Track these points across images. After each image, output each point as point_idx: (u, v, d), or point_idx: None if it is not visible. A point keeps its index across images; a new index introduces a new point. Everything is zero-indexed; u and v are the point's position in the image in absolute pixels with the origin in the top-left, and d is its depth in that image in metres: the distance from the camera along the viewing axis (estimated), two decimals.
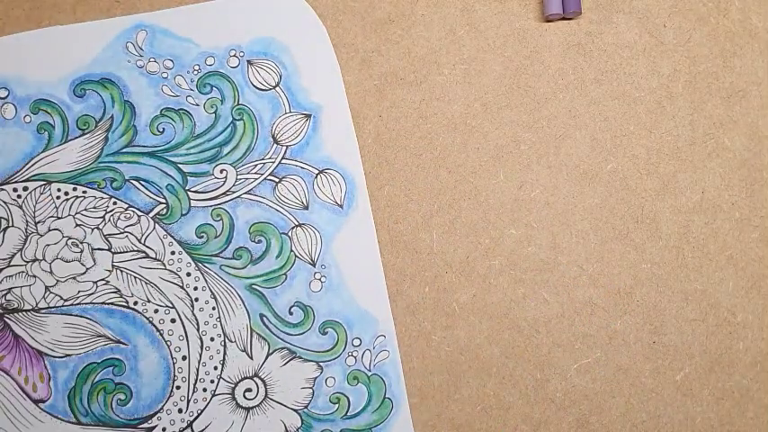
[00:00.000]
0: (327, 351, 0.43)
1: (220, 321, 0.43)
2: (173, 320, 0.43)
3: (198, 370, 0.42)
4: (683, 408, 0.44)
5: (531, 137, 0.46)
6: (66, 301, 0.42)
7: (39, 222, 0.43)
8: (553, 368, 0.44)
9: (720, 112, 0.46)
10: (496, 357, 0.44)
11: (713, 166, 0.46)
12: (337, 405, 0.43)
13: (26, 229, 0.43)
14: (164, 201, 0.43)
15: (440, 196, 0.45)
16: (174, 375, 0.42)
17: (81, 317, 0.42)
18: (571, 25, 0.46)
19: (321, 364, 0.43)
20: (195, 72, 0.44)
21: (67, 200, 0.43)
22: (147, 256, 0.43)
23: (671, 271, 0.45)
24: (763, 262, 0.45)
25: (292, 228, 0.44)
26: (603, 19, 0.46)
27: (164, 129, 0.44)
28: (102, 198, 0.43)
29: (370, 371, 0.43)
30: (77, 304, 0.42)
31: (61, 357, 0.42)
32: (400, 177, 0.45)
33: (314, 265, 0.44)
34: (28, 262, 0.42)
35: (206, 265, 0.43)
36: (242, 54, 0.45)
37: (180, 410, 0.42)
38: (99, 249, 0.43)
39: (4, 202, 0.43)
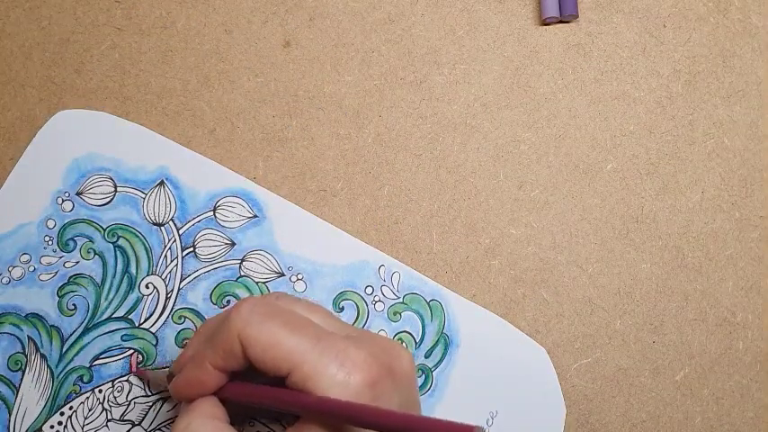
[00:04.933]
0: (357, 318, 0.43)
1: None
2: None
3: (283, 424, 0.42)
4: (682, 408, 0.44)
5: (531, 137, 0.46)
6: None
7: None
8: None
9: (720, 112, 0.46)
10: None
11: (713, 166, 0.46)
12: (403, 344, 0.43)
13: None
14: (131, 351, 0.43)
15: (440, 196, 0.45)
16: None
17: None
18: (571, 25, 0.46)
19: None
20: (49, 242, 0.43)
21: (66, 426, 0.42)
22: (165, 400, 0.42)
23: (671, 271, 0.45)
24: (763, 262, 0.45)
25: (240, 266, 0.44)
26: (603, 19, 0.46)
27: (74, 305, 0.43)
28: (87, 397, 0.42)
29: (400, 297, 0.43)
30: None
31: None
32: (400, 177, 0.45)
33: (283, 274, 0.44)
34: None
35: None
36: (67, 194, 0.44)
37: None
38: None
39: None
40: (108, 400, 0.42)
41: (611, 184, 0.45)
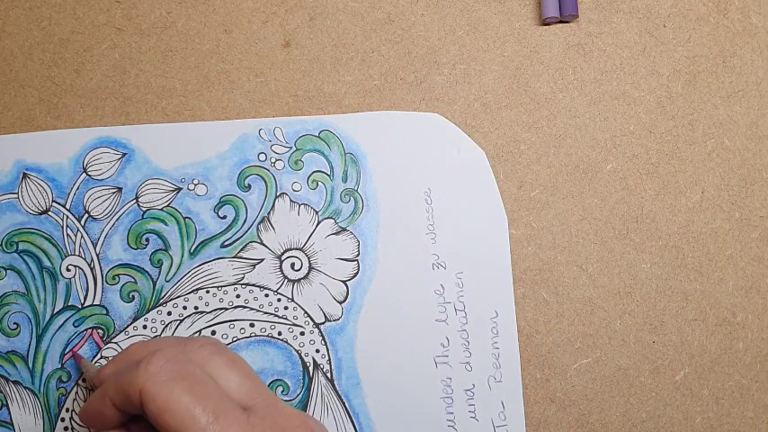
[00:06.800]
0: (266, 187, 0.44)
1: (222, 287, 0.43)
2: (212, 333, 0.43)
3: (268, 311, 0.43)
4: (683, 408, 0.44)
5: (531, 137, 0.46)
6: None
7: None
8: (553, 368, 0.44)
9: (720, 112, 0.46)
10: None
11: (713, 166, 0.46)
12: (318, 183, 0.44)
13: None
14: (89, 330, 0.43)
15: None
16: None
17: None
18: (571, 25, 0.46)
19: (278, 194, 0.44)
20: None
21: (73, 429, 0.43)
22: None
23: (671, 271, 0.45)
24: (763, 262, 0.45)
25: (137, 205, 0.44)
26: (603, 19, 0.46)
27: (15, 323, 0.43)
28: (75, 393, 0.43)
29: (292, 146, 0.44)
30: None
31: None
32: None
33: (179, 188, 0.44)
34: None
35: (164, 295, 0.43)
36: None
37: None
38: None
39: None
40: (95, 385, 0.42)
41: (611, 184, 0.45)
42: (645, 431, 0.44)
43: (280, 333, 0.43)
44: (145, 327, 0.43)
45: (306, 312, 0.43)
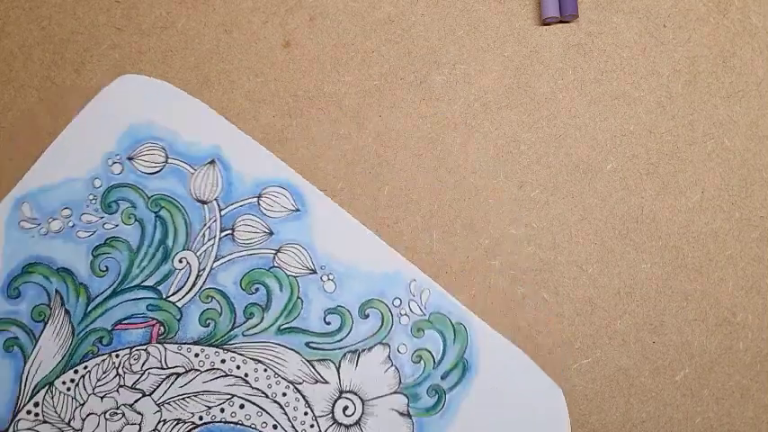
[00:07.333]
0: (380, 328, 0.43)
1: (279, 376, 0.42)
2: (241, 406, 0.42)
3: (295, 427, 0.42)
4: (683, 408, 0.44)
5: (531, 137, 0.46)
6: None
7: (70, 421, 0.42)
8: (553, 368, 0.44)
9: (720, 112, 0.46)
10: None
11: (713, 166, 0.46)
12: (422, 361, 0.43)
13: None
14: (154, 321, 0.43)
15: (440, 196, 0.45)
16: None
17: None
18: (571, 25, 0.46)
19: (384, 342, 0.43)
20: (92, 201, 0.44)
21: (78, 384, 0.42)
22: (179, 375, 0.42)
23: (671, 271, 0.45)
24: (763, 262, 0.45)
25: (274, 257, 0.44)
26: (603, 19, 0.46)
27: (106, 266, 0.43)
28: (103, 360, 0.43)
29: (426, 315, 0.43)
30: None
31: None
32: (400, 177, 0.45)
33: (315, 272, 0.44)
34: None
35: (231, 342, 0.43)
36: (118, 157, 0.44)
37: None
38: (136, 402, 0.42)
39: (29, 429, 0.42)
40: (123, 366, 0.42)
41: (611, 184, 0.45)
42: (645, 431, 0.44)
43: None
44: (197, 355, 0.42)
45: None
